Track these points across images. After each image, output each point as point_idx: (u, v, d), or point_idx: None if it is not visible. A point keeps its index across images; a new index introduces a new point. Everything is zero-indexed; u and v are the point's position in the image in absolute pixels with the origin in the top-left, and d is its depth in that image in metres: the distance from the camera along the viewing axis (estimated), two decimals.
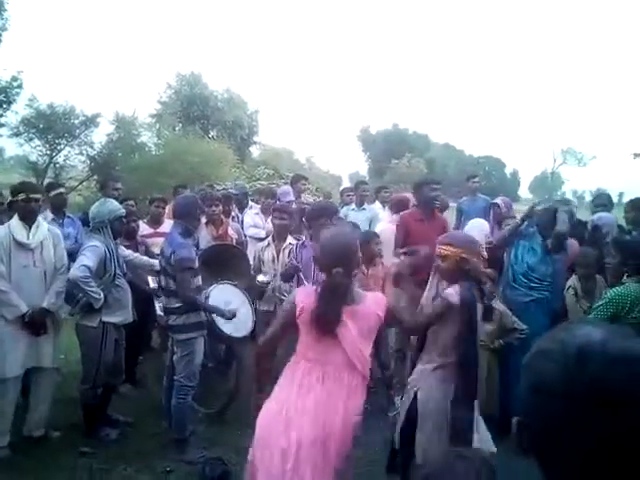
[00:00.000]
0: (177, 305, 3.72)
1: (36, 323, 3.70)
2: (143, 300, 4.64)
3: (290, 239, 4.66)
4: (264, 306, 4.49)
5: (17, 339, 3.68)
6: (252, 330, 4.19)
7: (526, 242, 4.23)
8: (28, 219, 3.76)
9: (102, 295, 3.73)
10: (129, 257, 4.27)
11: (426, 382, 2.75)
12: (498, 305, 3.92)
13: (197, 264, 3.79)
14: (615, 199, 6.00)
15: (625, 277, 3.36)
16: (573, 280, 4.13)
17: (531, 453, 0.82)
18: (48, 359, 3.84)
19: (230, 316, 3.83)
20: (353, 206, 6.56)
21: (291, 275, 4.34)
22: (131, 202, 5.80)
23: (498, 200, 5.67)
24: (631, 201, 4.85)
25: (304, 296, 2.49)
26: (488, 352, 3.88)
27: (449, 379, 2.70)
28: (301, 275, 4.28)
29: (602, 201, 5.20)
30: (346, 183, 31.52)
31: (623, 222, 4.87)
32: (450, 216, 6.23)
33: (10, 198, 4.06)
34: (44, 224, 3.92)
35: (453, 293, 2.69)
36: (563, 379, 0.74)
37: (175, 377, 3.75)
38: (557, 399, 0.75)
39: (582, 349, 0.75)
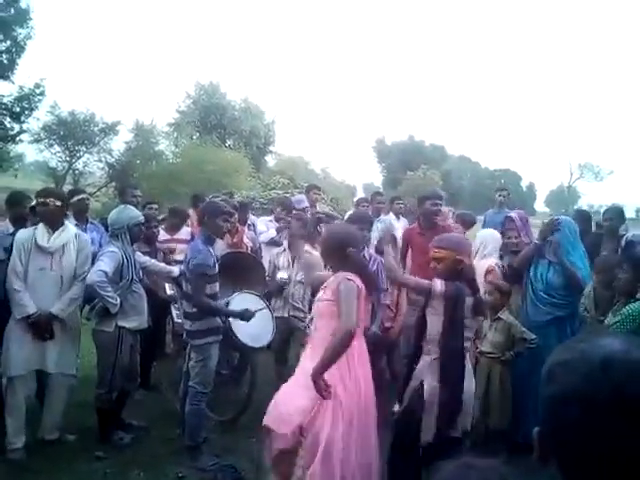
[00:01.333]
0: (194, 310, 3.76)
1: (41, 326, 3.74)
2: (158, 306, 4.67)
3: (306, 246, 4.68)
4: (277, 312, 4.51)
5: (23, 339, 3.73)
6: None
7: (545, 260, 4.15)
8: (50, 223, 3.83)
9: (118, 300, 3.76)
10: (146, 263, 4.31)
11: (429, 372, 2.94)
12: (506, 316, 3.90)
13: (216, 272, 3.81)
14: (632, 214, 5.94)
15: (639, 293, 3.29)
16: (588, 289, 4.03)
17: (552, 464, 0.82)
18: (52, 364, 3.84)
19: (247, 317, 3.84)
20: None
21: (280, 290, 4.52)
22: (155, 205, 5.87)
23: (513, 214, 5.62)
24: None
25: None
26: (500, 365, 3.83)
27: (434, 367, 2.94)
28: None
29: (609, 215, 5.13)
30: (360, 193, 31.53)
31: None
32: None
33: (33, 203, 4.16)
34: (72, 229, 3.96)
35: (438, 283, 2.93)
36: (587, 388, 0.75)
37: (190, 383, 3.76)
38: (582, 408, 0.75)
39: (605, 358, 0.75)
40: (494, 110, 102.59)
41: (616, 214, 5.14)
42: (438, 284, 2.93)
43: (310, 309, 4.41)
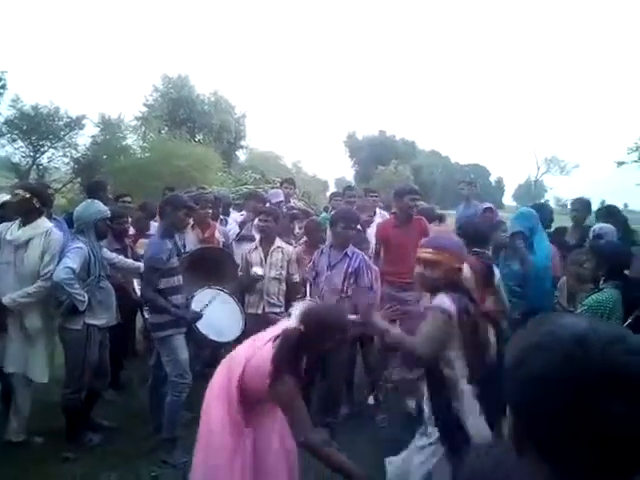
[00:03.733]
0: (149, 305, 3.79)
1: None
2: (128, 303, 4.58)
3: (278, 242, 4.65)
4: (251, 309, 4.48)
5: None
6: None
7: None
8: (20, 216, 3.80)
9: (86, 297, 3.68)
10: (114, 260, 4.21)
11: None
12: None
13: (174, 265, 3.76)
14: (598, 207, 6.10)
15: (602, 282, 3.39)
16: (561, 283, 4.13)
17: (529, 451, 0.81)
18: (10, 363, 3.75)
19: (193, 319, 3.79)
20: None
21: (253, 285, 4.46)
22: (128, 198, 5.74)
23: (490, 204, 5.71)
24: (600, 209, 5.20)
25: None
26: None
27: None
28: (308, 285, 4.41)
29: (577, 206, 5.28)
30: (332, 188, 31.59)
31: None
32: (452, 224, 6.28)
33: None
34: (43, 226, 3.82)
35: (447, 301, 2.29)
36: (566, 367, 0.76)
37: (169, 378, 3.71)
38: (565, 386, 0.75)
39: (577, 335, 0.77)
40: (464, 105, 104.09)
41: (583, 206, 5.27)
42: (447, 303, 2.28)
43: (286, 306, 4.39)
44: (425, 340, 2.27)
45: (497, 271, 3.83)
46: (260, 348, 2.39)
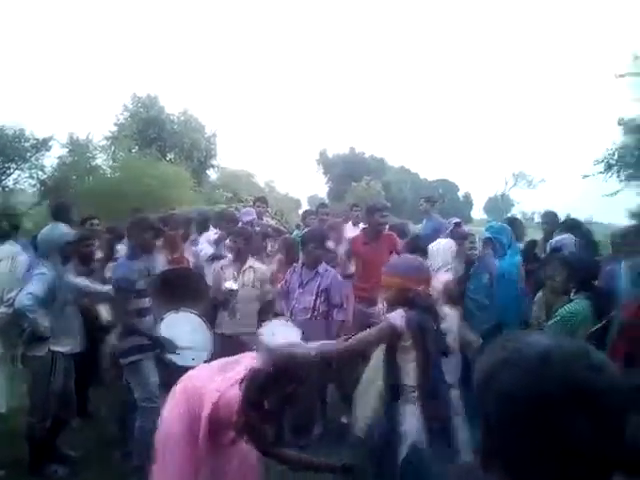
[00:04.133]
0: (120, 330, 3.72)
1: None
2: (95, 329, 4.46)
3: (251, 261, 4.62)
4: (222, 329, 4.40)
5: None
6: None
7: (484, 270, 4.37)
8: None
9: (49, 324, 3.58)
10: (80, 284, 4.11)
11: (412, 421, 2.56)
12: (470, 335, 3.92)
13: (143, 287, 3.71)
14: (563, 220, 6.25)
15: (573, 293, 3.46)
16: (538, 297, 4.17)
17: (496, 464, 0.81)
18: None
19: (169, 348, 3.72)
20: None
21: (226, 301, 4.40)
22: (96, 221, 5.57)
23: (458, 219, 5.79)
24: (563, 222, 5.29)
25: None
26: None
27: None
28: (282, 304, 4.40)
29: (546, 219, 5.40)
30: (305, 206, 31.68)
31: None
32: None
33: None
34: (10, 250, 3.73)
35: (397, 317, 2.55)
36: (531, 384, 0.77)
37: (138, 403, 3.63)
38: (529, 403, 0.76)
39: (542, 352, 0.79)
40: (432, 121, 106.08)
41: (551, 218, 5.41)
42: (397, 318, 2.55)
43: (259, 325, 4.34)
44: (354, 340, 2.62)
45: None
46: (228, 386, 2.36)
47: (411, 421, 2.53)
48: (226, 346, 4.22)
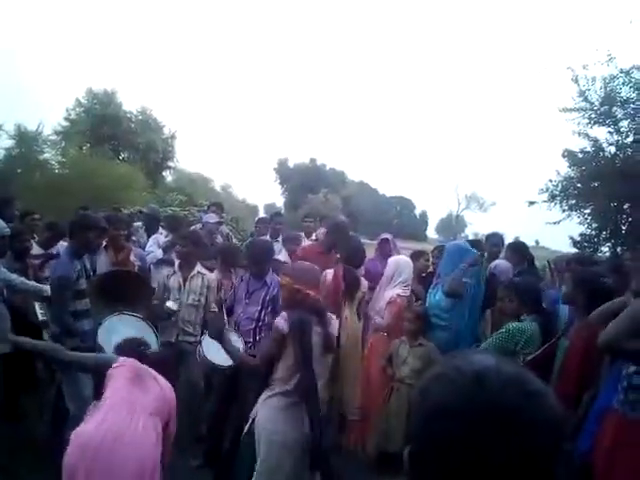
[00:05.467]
0: (55, 330, 3.56)
1: None
2: (27, 328, 4.20)
3: (199, 267, 4.49)
4: (165, 336, 4.24)
5: None
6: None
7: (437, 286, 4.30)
8: None
9: None
10: (14, 281, 3.88)
11: (262, 409, 2.82)
12: (426, 342, 3.94)
13: (82, 288, 3.58)
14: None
15: (523, 316, 3.51)
16: (487, 314, 4.20)
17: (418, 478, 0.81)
18: None
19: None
20: (267, 237, 6.48)
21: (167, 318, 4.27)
22: (36, 216, 5.40)
23: (388, 235, 5.83)
24: (509, 245, 5.44)
25: None
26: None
27: (291, 406, 2.77)
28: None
29: (494, 241, 5.52)
30: (262, 213, 31.47)
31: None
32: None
33: None
34: None
35: (281, 320, 2.82)
36: (461, 401, 0.76)
37: (71, 413, 3.44)
38: (455, 421, 0.75)
39: (479, 373, 0.78)
40: (393, 139, 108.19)
41: (496, 241, 5.53)
42: (281, 322, 2.81)
43: (202, 332, 4.21)
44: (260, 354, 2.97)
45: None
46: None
47: (263, 410, 2.79)
48: (168, 353, 4.07)
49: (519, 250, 5.14)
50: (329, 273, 4.30)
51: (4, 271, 3.80)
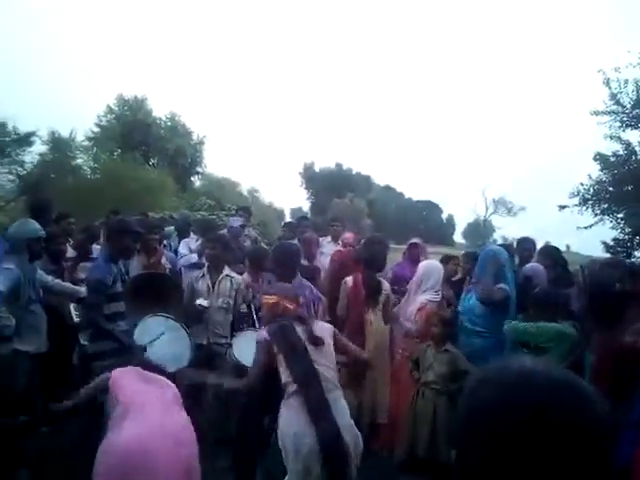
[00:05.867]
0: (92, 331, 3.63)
1: None
2: (63, 328, 4.32)
3: (227, 270, 4.53)
4: (196, 339, 4.29)
5: None
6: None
7: (471, 291, 4.23)
8: None
9: (13, 321, 3.47)
10: (50, 283, 3.99)
11: (284, 413, 2.86)
12: (452, 348, 3.91)
13: (118, 291, 3.64)
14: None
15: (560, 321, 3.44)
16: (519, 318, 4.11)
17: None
18: None
19: (139, 353, 3.60)
20: (295, 241, 6.50)
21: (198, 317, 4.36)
22: (71, 219, 5.55)
23: (417, 240, 5.78)
24: (540, 249, 5.32)
25: None
26: (446, 397, 3.75)
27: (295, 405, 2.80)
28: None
29: (527, 246, 5.43)
30: (288, 217, 31.62)
31: None
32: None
33: None
34: None
35: (262, 332, 3.03)
36: (510, 404, 0.77)
37: (104, 410, 3.48)
38: (505, 424, 0.76)
39: (527, 375, 0.79)
40: (419, 142, 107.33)
41: (528, 246, 5.45)
42: (261, 334, 3.02)
43: (232, 335, 4.26)
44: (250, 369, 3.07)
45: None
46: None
47: (287, 414, 2.81)
48: (199, 355, 4.12)
49: (551, 255, 5.02)
50: (349, 280, 4.31)
51: (41, 273, 3.91)
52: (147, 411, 2.39)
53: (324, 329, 3.11)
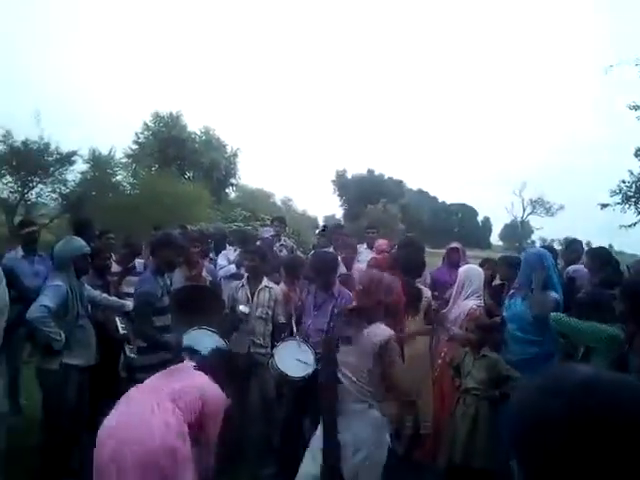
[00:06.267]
0: (141, 345, 3.68)
1: None
2: (110, 342, 4.45)
3: (265, 281, 4.59)
4: (236, 348, 4.37)
5: None
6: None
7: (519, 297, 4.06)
8: None
9: (63, 336, 3.57)
10: (97, 297, 4.12)
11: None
12: (491, 353, 3.84)
13: (165, 304, 3.71)
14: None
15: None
16: None
17: None
18: None
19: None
20: (330, 249, 6.53)
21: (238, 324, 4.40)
22: (111, 235, 5.71)
23: (457, 244, 5.70)
24: (589, 250, 5.12)
25: None
26: (487, 403, 3.67)
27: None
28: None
29: (575, 247, 5.30)
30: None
31: None
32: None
33: None
34: None
35: (384, 329, 2.84)
36: (572, 411, 0.75)
37: None
38: (567, 431, 0.75)
39: (586, 382, 0.78)
40: (451, 145, 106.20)
41: (577, 247, 5.34)
42: (386, 330, 2.85)
43: (272, 345, 4.31)
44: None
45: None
46: None
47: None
48: (240, 365, 4.19)
49: (599, 256, 4.77)
50: None
51: (88, 288, 4.03)
52: (124, 405, 2.66)
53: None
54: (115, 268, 5.11)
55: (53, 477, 3.68)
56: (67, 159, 17.76)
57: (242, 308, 4.39)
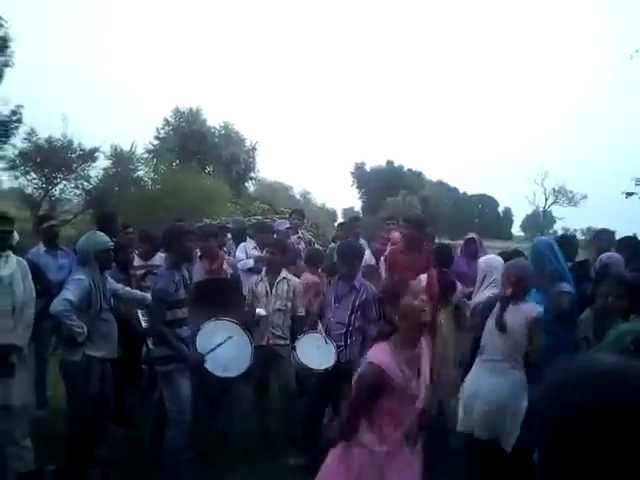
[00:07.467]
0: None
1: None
2: (132, 335, 4.53)
3: (284, 273, 4.62)
4: (256, 341, 4.41)
5: None
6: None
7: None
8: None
9: (85, 329, 3.63)
10: (119, 291, 4.19)
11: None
12: None
13: (181, 297, 3.72)
14: None
15: (632, 317, 3.24)
16: (586, 314, 3.92)
17: None
18: (17, 397, 3.56)
19: (195, 361, 3.69)
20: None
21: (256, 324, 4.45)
22: (130, 229, 5.81)
23: (474, 235, 5.64)
24: (620, 240, 4.98)
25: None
26: None
27: None
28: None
29: (605, 236, 5.20)
30: (340, 218, 31.66)
31: None
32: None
33: None
34: (12, 256, 3.69)
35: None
36: (599, 401, 0.74)
37: (168, 413, 3.64)
38: (595, 421, 0.73)
39: (611, 371, 0.77)
40: (471, 135, 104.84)
41: (607, 237, 5.24)
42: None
43: (292, 338, 4.34)
44: None
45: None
46: None
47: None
48: (259, 357, 4.23)
49: (631, 246, 4.67)
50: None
51: (111, 281, 4.11)
52: None
53: None
54: (138, 262, 5.20)
55: (78, 467, 3.77)
56: (90, 155, 18.00)
57: (259, 311, 4.43)
